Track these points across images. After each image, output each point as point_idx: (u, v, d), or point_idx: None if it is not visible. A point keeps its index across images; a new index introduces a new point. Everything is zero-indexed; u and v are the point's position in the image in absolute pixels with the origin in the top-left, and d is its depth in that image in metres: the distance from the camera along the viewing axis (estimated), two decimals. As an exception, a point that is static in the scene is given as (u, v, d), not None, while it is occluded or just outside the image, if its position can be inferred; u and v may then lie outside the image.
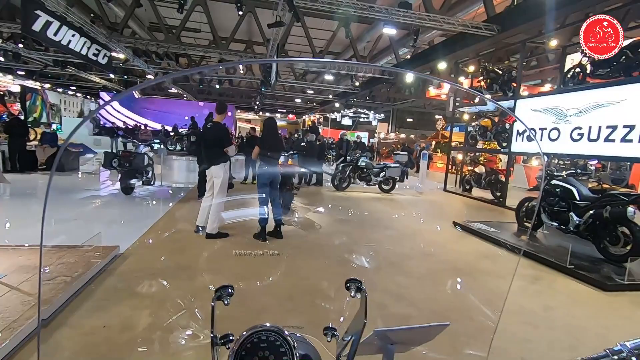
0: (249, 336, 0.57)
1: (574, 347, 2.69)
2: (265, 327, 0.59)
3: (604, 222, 4.50)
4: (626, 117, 5.71)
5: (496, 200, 8.90)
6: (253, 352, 0.57)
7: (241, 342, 0.57)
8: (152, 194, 7.71)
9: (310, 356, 0.67)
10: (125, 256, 3.92)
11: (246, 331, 0.57)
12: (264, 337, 0.58)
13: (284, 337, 0.58)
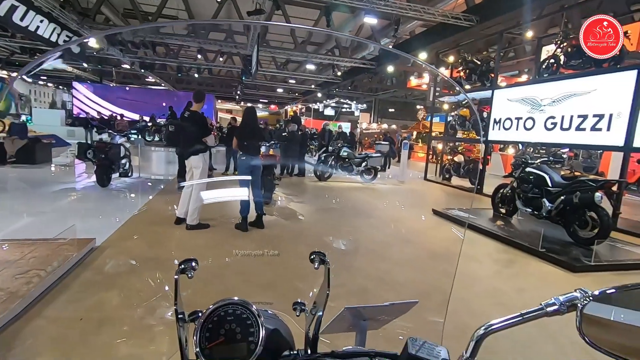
0: (216, 309, 0.58)
1: (543, 324, 2.82)
2: (232, 301, 0.59)
3: (573, 207, 4.70)
4: (596, 107, 5.94)
5: (474, 187, 9.13)
6: (220, 325, 0.57)
7: (207, 315, 0.57)
8: (129, 186, 7.52)
9: (279, 330, 0.68)
10: (102, 249, 3.84)
11: (213, 305, 0.58)
12: (230, 310, 0.59)
13: (250, 310, 0.58)
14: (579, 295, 0.45)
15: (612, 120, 5.66)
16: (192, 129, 4.66)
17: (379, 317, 1.05)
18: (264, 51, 13.35)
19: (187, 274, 0.64)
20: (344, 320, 1.01)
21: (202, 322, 0.56)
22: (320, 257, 0.69)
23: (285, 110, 30.89)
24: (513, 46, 12.53)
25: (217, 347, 0.56)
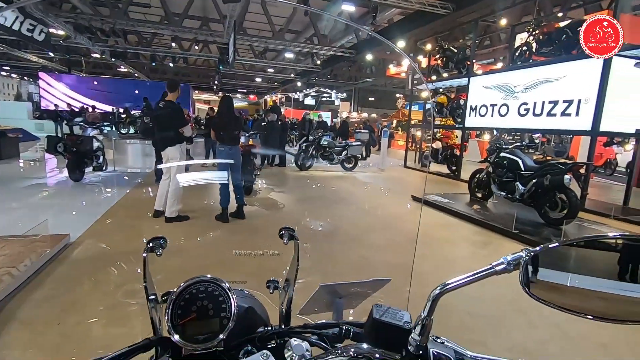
0: (187, 287, 0.58)
1: (515, 300, 2.96)
2: (204, 278, 0.60)
3: (544, 189, 4.90)
4: (566, 93, 6.15)
5: (452, 174, 9.36)
6: (191, 302, 0.58)
7: (179, 292, 0.57)
8: (104, 180, 7.30)
9: (254, 308, 0.70)
10: (77, 244, 3.73)
11: (184, 282, 0.58)
12: (202, 288, 0.60)
13: (221, 286, 0.59)
14: (523, 254, 0.49)
15: (581, 106, 5.88)
16: (167, 119, 4.55)
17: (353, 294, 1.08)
18: (241, 39, 13.06)
19: (155, 252, 0.64)
20: (320, 299, 1.03)
21: (174, 299, 0.57)
22: (289, 232, 0.71)
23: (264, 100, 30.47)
24: (488, 34, 12.74)
25: (189, 323, 0.57)
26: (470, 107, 8.43)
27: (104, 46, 15.06)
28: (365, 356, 0.52)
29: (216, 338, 0.57)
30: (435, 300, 0.51)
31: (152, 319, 0.62)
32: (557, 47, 6.58)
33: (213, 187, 6.99)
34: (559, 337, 2.52)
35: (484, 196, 6.14)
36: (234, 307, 0.60)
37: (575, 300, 0.47)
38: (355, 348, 0.53)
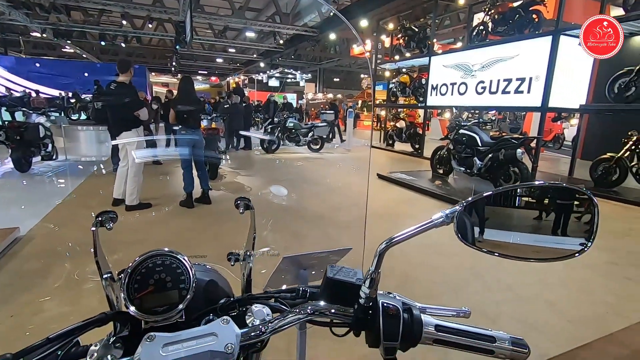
0: (143, 261, 0.57)
1: (474, 266, 3.17)
2: (160, 251, 0.59)
3: (499, 163, 5.19)
4: (519, 71, 6.46)
5: (415, 152, 9.65)
6: (148, 276, 0.57)
7: (135, 266, 0.56)
8: (55, 169, 6.82)
9: (215, 281, 0.70)
10: (28, 238, 3.50)
11: (139, 256, 0.57)
12: (159, 261, 0.59)
13: (178, 258, 0.59)
14: (458, 208, 0.52)
15: (532, 83, 6.21)
16: (120, 102, 4.29)
17: (317, 265, 1.11)
18: (198, 17, 12.41)
19: (105, 226, 0.61)
20: (284, 272, 1.05)
21: (130, 272, 0.56)
22: (245, 202, 0.71)
23: (227, 82, 29.42)
24: (448, 13, 12.98)
25: (147, 296, 0.56)
26: (432, 86, 8.65)
27: (45, 23, 13.75)
28: (321, 312, 0.55)
29: (175, 309, 0.57)
30: (381, 254, 0.54)
31: (108, 295, 0.61)
32: (511, 26, 6.85)
33: (176, 173, 6.77)
34: (512, 297, 2.74)
35: (445, 172, 6.41)
36: (192, 277, 0.59)
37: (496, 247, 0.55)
38: (312, 306, 0.55)
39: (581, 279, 3.09)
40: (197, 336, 0.49)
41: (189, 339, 0.48)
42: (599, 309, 2.61)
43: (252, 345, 0.54)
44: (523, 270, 3.14)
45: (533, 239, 0.54)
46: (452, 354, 2.06)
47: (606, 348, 2.25)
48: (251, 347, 0.55)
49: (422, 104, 9.24)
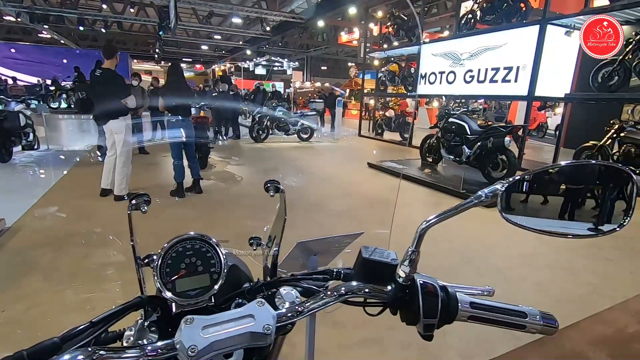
0: (173, 245, 0.57)
1: (464, 250, 3.26)
2: (189, 235, 0.59)
3: (488, 151, 5.29)
4: (506, 60, 6.53)
5: (404, 140, 9.72)
6: (179, 260, 0.57)
7: (166, 250, 0.56)
8: (38, 160, 6.62)
9: (237, 266, 0.70)
10: (15, 229, 3.41)
11: (167, 243, 0.57)
12: (189, 245, 0.59)
13: (208, 242, 0.59)
14: (499, 186, 0.54)
15: (519, 72, 6.31)
16: (106, 89, 4.16)
17: (327, 250, 1.13)
18: (182, 2, 12.04)
19: (140, 209, 0.61)
20: (296, 256, 1.07)
21: (162, 255, 0.56)
22: (275, 185, 0.71)
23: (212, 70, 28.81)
24: (435, 2, 12.96)
25: (179, 280, 0.57)
26: (421, 75, 8.68)
27: (19, 7, 13.11)
28: (357, 292, 0.56)
29: (208, 292, 0.57)
30: (422, 234, 0.55)
31: (140, 279, 0.61)
32: (499, 15, 6.90)
33: (163, 162, 6.65)
34: (502, 279, 2.84)
35: (434, 160, 6.50)
36: (224, 261, 0.60)
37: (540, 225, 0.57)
38: (346, 287, 0.57)
39: (566, 260, 3.21)
40: (235, 318, 0.49)
41: (227, 321, 0.49)
42: (584, 290, 2.73)
43: (283, 327, 0.55)
44: (511, 255, 3.25)
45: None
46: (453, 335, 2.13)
47: (592, 328, 2.36)
48: (281, 329, 0.56)
49: (411, 93, 9.27)
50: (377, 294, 0.57)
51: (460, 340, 2.13)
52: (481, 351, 2.08)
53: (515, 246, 3.38)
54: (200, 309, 0.57)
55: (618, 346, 2.23)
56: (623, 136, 5.75)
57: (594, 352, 2.16)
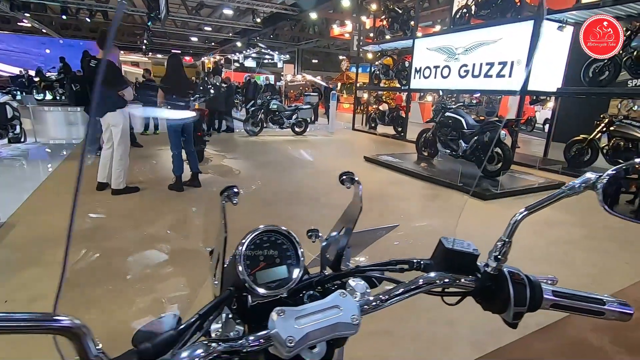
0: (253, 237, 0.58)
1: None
2: (267, 228, 0.59)
3: (484, 145, 5.37)
4: (501, 55, 6.61)
5: (398, 134, 9.78)
6: (257, 253, 0.57)
7: (246, 243, 0.57)
8: (26, 153, 6.42)
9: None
10: (10, 224, 3.33)
11: (243, 239, 0.58)
12: (265, 238, 0.59)
13: (284, 234, 0.60)
14: (592, 177, 0.55)
15: (514, 67, 6.39)
16: (104, 82, 4.05)
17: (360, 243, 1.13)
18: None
19: (232, 201, 0.61)
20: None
21: (243, 249, 0.56)
22: (350, 176, 0.71)
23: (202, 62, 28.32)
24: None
25: (259, 272, 0.57)
26: (415, 69, 8.71)
27: None
28: (440, 282, 0.57)
29: (288, 284, 0.58)
30: (515, 224, 0.56)
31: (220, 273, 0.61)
32: (494, 9, 6.95)
33: (159, 155, 6.55)
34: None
35: (430, 154, 6.56)
36: (301, 253, 0.60)
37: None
38: (429, 277, 0.57)
39: (563, 252, 3.31)
40: (323, 309, 0.50)
41: (315, 312, 0.49)
42: (583, 280, 2.82)
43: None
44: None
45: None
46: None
47: (593, 315, 2.45)
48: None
49: (405, 87, 9.31)
50: (460, 283, 0.58)
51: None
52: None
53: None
54: (272, 301, 0.58)
55: (619, 333, 2.31)
56: (612, 130, 5.92)
57: (597, 339, 2.25)
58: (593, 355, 2.12)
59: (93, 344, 0.38)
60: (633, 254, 3.35)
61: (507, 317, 0.56)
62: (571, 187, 0.55)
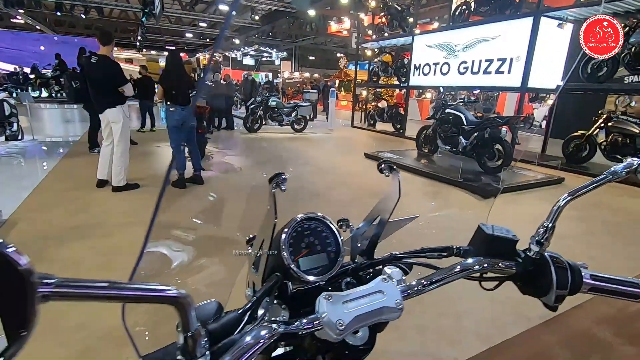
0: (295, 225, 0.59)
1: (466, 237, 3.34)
2: (308, 216, 0.60)
3: (484, 142, 5.40)
4: (500, 51, 6.63)
5: (397, 131, 9.80)
6: (299, 239, 0.58)
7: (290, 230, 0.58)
8: (24, 150, 6.37)
9: None
10: (12, 222, 3.30)
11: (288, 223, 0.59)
12: (305, 225, 0.60)
13: (324, 222, 0.61)
14: (634, 162, 0.56)
15: (513, 64, 6.42)
16: (104, 77, 4.02)
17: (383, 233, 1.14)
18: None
19: (280, 187, 0.62)
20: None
21: (288, 235, 0.57)
22: (389, 165, 0.72)
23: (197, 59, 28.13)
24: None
25: (302, 259, 0.58)
26: (414, 66, 8.71)
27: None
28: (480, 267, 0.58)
29: (330, 270, 0.58)
30: (559, 210, 0.57)
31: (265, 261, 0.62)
32: (493, 6, 6.97)
33: (157, 152, 6.52)
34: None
35: (430, 151, 6.58)
36: (341, 241, 0.61)
37: None
38: (470, 262, 0.58)
39: (564, 245, 3.34)
40: (367, 294, 0.51)
41: (360, 297, 0.50)
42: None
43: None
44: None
45: None
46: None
47: (596, 308, 2.48)
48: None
49: (405, 84, 9.32)
50: (499, 268, 0.59)
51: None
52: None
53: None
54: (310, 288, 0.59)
55: (622, 324, 2.35)
56: (610, 125, 5.97)
57: (601, 331, 2.28)
58: (597, 346, 2.15)
59: (195, 316, 0.39)
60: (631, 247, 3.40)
61: (548, 300, 0.57)
62: (614, 172, 0.56)
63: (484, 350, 2.07)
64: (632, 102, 6.21)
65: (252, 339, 0.42)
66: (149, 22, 15.40)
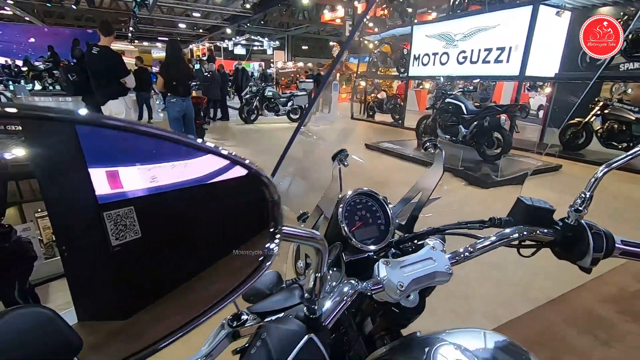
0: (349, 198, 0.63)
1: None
2: (362, 191, 0.65)
3: (484, 130, 5.45)
4: (499, 41, 6.64)
5: (396, 122, 9.83)
6: (352, 212, 0.63)
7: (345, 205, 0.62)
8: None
9: None
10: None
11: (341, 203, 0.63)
12: (357, 200, 0.65)
13: (374, 197, 0.65)
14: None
15: (511, 53, 6.45)
16: (106, 69, 3.99)
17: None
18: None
19: (343, 163, 0.66)
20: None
21: (344, 208, 0.62)
22: (433, 143, 0.76)
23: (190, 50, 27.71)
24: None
25: (356, 230, 0.63)
26: (414, 57, 8.69)
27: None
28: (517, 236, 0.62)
29: (383, 241, 0.63)
30: (597, 180, 0.62)
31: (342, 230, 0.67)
32: (492, -5, 6.97)
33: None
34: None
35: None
36: (391, 215, 0.66)
37: None
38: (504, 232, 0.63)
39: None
40: (419, 260, 0.56)
41: (414, 263, 0.55)
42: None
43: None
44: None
45: None
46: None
47: (599, 288, 2.58)
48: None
49: (404, 74, 9.30)
50: (537, 235, 0.64)
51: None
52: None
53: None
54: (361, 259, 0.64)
55: (624, 303, 2.44)
56: (607, 113, 6.06)
57: (604, 310, 2.37)
58: (601, 323, 2.24)
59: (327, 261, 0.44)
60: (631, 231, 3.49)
61: (585, 263, 0.62)
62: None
63: (492, 329, 2.15)
64: (628, 89, 6.30)
65: (338, 295, 0.49)
66: (141, 12, 15.11)
